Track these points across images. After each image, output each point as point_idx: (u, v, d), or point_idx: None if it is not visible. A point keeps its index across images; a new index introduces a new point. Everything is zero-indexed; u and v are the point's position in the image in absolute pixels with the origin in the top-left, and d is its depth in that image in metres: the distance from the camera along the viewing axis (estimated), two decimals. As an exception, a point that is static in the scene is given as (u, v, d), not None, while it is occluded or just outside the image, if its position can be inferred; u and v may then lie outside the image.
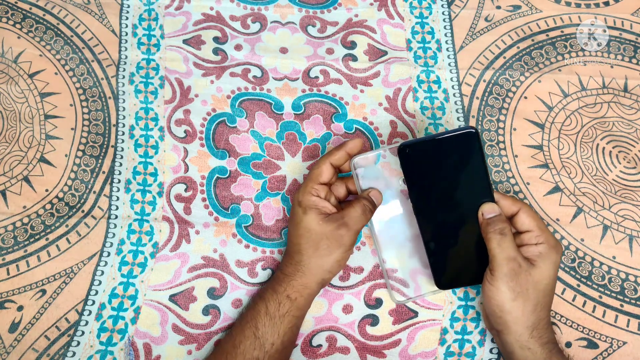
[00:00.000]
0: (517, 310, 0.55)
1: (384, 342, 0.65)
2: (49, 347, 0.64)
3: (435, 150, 0.57)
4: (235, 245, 0.69)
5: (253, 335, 0.58)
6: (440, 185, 0.58)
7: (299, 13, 0.80)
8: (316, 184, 0.61)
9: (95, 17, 0.79)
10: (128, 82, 0.76)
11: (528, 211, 0.58)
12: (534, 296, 0.55)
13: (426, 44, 0.78)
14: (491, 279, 0.55)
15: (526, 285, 0.54)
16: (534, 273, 0.55)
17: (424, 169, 0.58)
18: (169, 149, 0.73)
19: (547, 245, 0.56)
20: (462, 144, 0.57)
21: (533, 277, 0.55)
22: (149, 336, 0.65)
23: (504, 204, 0.58)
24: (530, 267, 0.55)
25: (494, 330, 0.59)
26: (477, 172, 0.57)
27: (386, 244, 0.65)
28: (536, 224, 0.57)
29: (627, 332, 0.64)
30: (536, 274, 0.55)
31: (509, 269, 0.54)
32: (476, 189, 0.58)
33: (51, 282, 0.67)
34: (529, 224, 0.57)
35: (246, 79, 0.76)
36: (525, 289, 0.54)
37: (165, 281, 0.67)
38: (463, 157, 0.57)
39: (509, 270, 0.54)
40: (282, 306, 0.59)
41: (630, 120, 0.73)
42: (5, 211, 0.70)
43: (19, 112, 0.74)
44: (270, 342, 0.57)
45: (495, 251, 0.55)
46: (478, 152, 0.56)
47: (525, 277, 0.55)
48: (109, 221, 0.70)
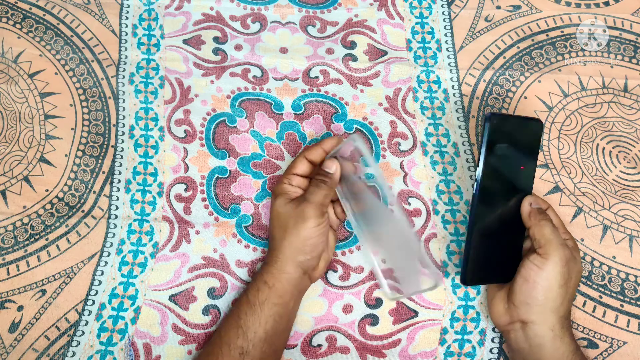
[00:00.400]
0: (560, 298, 0.56)
1: (384, 342, 0.65)
2: (49, 347, 0.64)
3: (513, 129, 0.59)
4: (236, 245, 0.69)
5: (236, 325, 0.58)
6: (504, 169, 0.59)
7: (299, 13, 0.80)
8: (290, 174, 0.63)
9: (95, 17, 0.79)
10: (128, 82, 0.76)
11: (553, 210, 0.61)
12: (573, 285, 0.57)
13: (426, 44, 0.78)
14: (542, 263, 0.56)
15: (571, 273, 0.56)
16: (578, 262, 0.57)
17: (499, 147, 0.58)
18: (169, 149, 0.73)
19: (574, 242, 0.59)
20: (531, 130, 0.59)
21: (577, 266, 0.57)
22: (149, 336, 0.65)
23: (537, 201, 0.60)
24: (576, 255, 0.58)
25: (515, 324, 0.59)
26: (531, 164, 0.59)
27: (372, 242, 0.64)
28: (561, 222, 0.61)
29: (627, 332, 0.64)
30: (577, 264, 0.57)
31: (563, 253, 0.55)
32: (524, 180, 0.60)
33: (51, 282, 0.67)
34: (557, 221, 0.60)
35: (246, 79, 0.76)
36: (571, 276, 0.56)
37: (165, 281, 0.67)
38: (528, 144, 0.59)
39: (563, 255, 0.55)
40: (261, 293, 0.59)
41: (630, 120, 0.73)
42: (5, 211, 0.70)
43: (19, 112, 0.74)
44: (253, 331, 0.58)
45: (550, 236, 0.56)
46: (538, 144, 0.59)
47: (573, 264, 0.56)
48: (109, 221, 0.70)
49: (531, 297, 0.56)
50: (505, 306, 0.60)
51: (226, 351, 0.57)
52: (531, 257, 0.57)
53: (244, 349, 0.57)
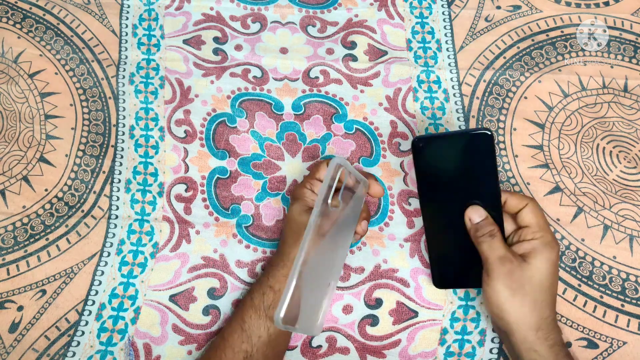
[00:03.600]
0: (517, 309, 0.54)
1: (384, 343, 0.65)
2: (49, 347, 0.64)
3: (448, 147, 0.57)
4: (236, 245, 0.69)
5: (240, 328, 0.58)
6: (448, 184, 0.58)
7: (299, 13, 0.80)
8: (312, 179, 0.62)
9: (95, 17, 0.79)
10: (128, 82, 0.76)
11: (533, 207, 0.58)
12: (530, 292, 0.54)
13: (426, 44, 0.78)
14: (488, 280, 0.55)
15: (521, 281, 0.54)
16: (527, 268, 0.55)
17: (435, 165, 0.58)
18: (169, 149, 0.73)
19: (541, 242, 0.56)
20: (475, 144, 0.56)
21: (526, 273, 0.55)
22: (149, 336, 0.65)
23: (512, 202, 0.58)
24: (523, 263, 0.55)
25: (502, 333, 0.59)
26: (487, 174, 0.57)
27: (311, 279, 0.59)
28: (536, 220, 0.57)
29: (628, 332, 0.64)
30: (529, 269, 0.55)
31: (502, 267, 0.55)
32: (484, 191, 0.58)
33: (51, 282, 0.67)
34: (529, 220, 0.57)
35: (246, 79, 0.76)
36: (521, 285, 0.54)
37: (165, 281, 0.67)
38: (475, 157, 0.57)
39: (502, 269, 0.54)
40: (266, 297, 0.59)
41: (631, 120, 0.73)
42: (5, 211, 0.70)
43: (19, 112, 0.74)
44: (257, 335, 0.57)
45: (487, 253, 0.56)
46: (491, 155, 0.56)
47: (519, 273, 0.54)
48: (109, 221, 0.70)
49: (492, 312, 0.56)
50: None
51: (230, 355, 0.57)
52: (482, 273, 0.57)
53: (248, 353, 0.57)
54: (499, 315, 0.56)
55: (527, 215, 0.57)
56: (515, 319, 0.55)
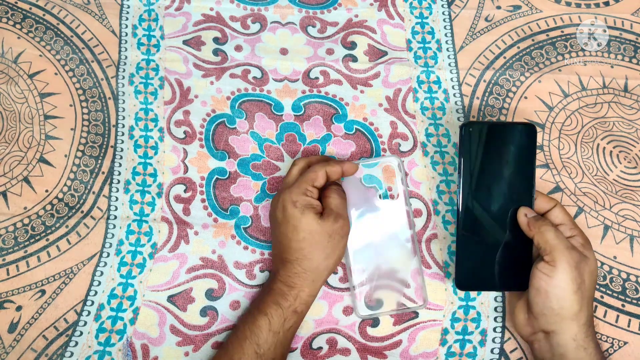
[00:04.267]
0: (576, 304, 0.54)
1: (385, 343, 0.65)
2: (47, 347, 0.64)
3: (494, 136, 0.58)
4: (234, 246, 0.69)
5: (255, 353, 0.56)
6: (489, 175, 0.58)
7: (299, 13, 0.80)
8: (310, 186, 0.60)
9: (95, 17, 0.80)
10: (128, 82, 0.76)
11: (562, 207, 0.59)
12: (589, 288, 0.54)
13: (426, 44, 0.78)
14: (551, 271, 0.54)
15: (584, 276, 0.54)
16: (589, 262, 0.55)
17: (479, 154, 0.58)
18: (169, 149, 0.73)
19: (584, 237, 0.57)
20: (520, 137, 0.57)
21: (589, 267, 0.55)
22: (147, 337, 0.65)
23: (541, 202, 0.59)
24: (585, 257, 0.55)
25: (538, 334, 0.57)
26: (525, 169, 0.58)
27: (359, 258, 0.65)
28: (569, 218, 0.58)
29: (628, 332, 0.64)
30: (588, 263, 0.55)
31: (571, 258, 0.53)
32: (520, 186, 0.58)
33: (51, 282, 0.67)
34: (563, 217, 0.58)
35: (246, 80, 0.76)
36: (584, 279, 0.54)
37: (163, 282, 0.67)
38: (517, 150, 0.58)
39: (571, 259, 0.53)
40: (287, 321, 0.57)
41: (631, 120, 0.72)
42: (6, 212, 0.70)
43: (18, 113, 0.74)
44: (272, 358, 0.56)
45: (554, 242, 0.54)
46: (532, 149, 0.57)
47: (584, 266, 0.54)
48: (108, 222, 0.70)
49: (546, 308, 0.55)
50: (525, 317, 0.58)
51: None
52: (539, 266, 0.55)
53: None
54: (555, 311, 0.54)
55: (559, 214, 0.58)
56: (572, 315, 0.54)
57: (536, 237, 0.56)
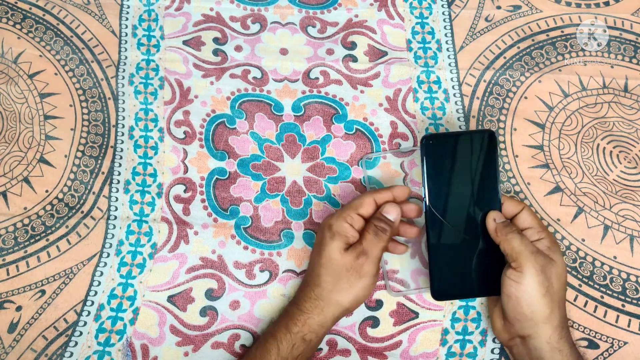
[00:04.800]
0: (547, 308, 0.54)
1: (385, 344, 0.65)
2: (47, 347, 0.64)
3: (455, 146, 0.58)
4: (234, 246, 0.69)
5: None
6: (454, 184, 0.58)
7: (299, 14, 0.80)
8: (353, 213, 0.59)
9: (95, 17, 0.80)
10: (128, 82, 0.76)
11: (530, 210, 0.59)
12: (558, 290, 0.55)
13: (426, 44, 0.78)
14: (519, 277, 0.54)
15: (552, 279, 0.54)
16: (554, 265, 0.55)
17: (443, 164, 0.58)
18: (169, 150, 0.73)
19: (551, 239, 0.57)
20: (481, 144, 0.58)
21: (556, 270, 0.55)
22: (146, 337, 0.65)
23: (508, 205, 0.59)
24: (552, 260, 0.55)
25: (515, 339, 0.57)
26: (489, 175, 0.58)
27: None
28: (536, 221, 0.58)
29: (628, 332, 0.64)
30: (556, 266, 0.55)
31: (537, 262, 0.54)
32: (486, 192, 0.58)
33: (51, 282, 0.67)
34: (530, 221, 0.58)
35: (246, 80, 0.76)
36: (552, 282, 0.54)
37: (163, 282, 0.67)
38: (479, 157, 0.58)
39: (537, 264, 0.54)
40: (296, 348, 0.57)
41: (631, 121, 0.72)
42: (6, 212, 0.70)
43: (18, 113, 0.74)
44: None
45: (519, 248, 0.54)
46: (495, 155, 0.57)
47: (550, 269, 0.54)
48: (108, 222, 0.70)
49: (519, 313, 0.55)
50: (502, 323, 0.59)
51: None
52: (507, 273, 0.55)
53: None
54: (527, 316, 0.54)
55: (527, 217, 0.58)
56: (544, 318, 0.54)
57: (502, 244, 0.56)
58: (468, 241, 0.58)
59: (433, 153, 0.58)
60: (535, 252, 0.54)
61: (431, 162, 0.58)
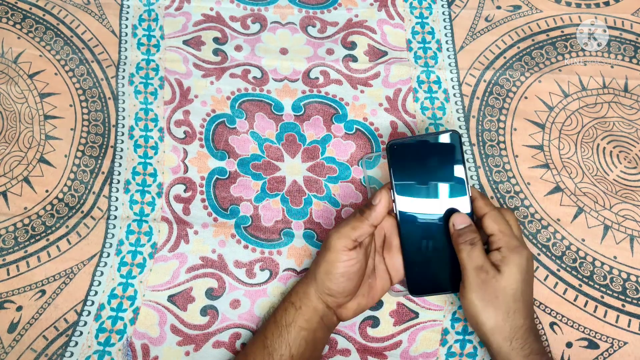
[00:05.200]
0: (490, 320, 0.54)
1: (385, 344, 0.65)
2: (47, 347, 0.64)
3: (421, 150, 0.59)
4: (234, 245, 0.69)
5: (262, 345, 0.57)
6: (422, 187, 0.59)
7: (299, 13, 0.80)
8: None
9: (95, 17, 0.80)
10: (128, 82, 0.76)
11: (493, 215, 0.57)
12: (503, 303, 0.54)
13: (426, 44, 0.78)
14: (463, 291, 0.55)
15: (495, 293, 0.54)
16: (500, 279, 0.54)
17: (410, 168, 0.59)
18: (169, 149, 0.73)
19: (507, 249, 0.55)
20: (445, 145, 0.58)
21: (500, 284, 0.54)
22: (147, 337, 0.65)
23: (477, 207, 0.58)
24: (497, 273, 0.54)
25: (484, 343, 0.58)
26: (457, 174, 0.58)
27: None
28: (498, 228, 0.56)
29: (628, 332, 0.64)
30: (502, 280, 0.54)
31: (477, 278, 0.54)
32: (455, 192, 0.58)
33: (51, 282, 0.67)
34: (492, 228, 0.56)
35: (246, 80, 0.76)
36: (495, 297, 0.54)
37: (163, 282, 0.67)
38: (446, 158, 0.58)
39: (477, 280, 0.54)
40: (287, 314, 0.58)
41: (631, 121, 0.72)
42: (6, 212, 0.70)
43: (18, 113, 0.74)
44: (280, 353, 0.56)
45: (464, 261, 0.55)
46: (459, 155, 0.58)
47: (493, 284, 0.54)
48: (108, 222, 0.70)
49: (471, 325, 0.57)
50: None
51: None
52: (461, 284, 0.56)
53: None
54: (474, 326, 0.56)
55: (489, 224, 0.57)
56: (490, 330, 0.54)
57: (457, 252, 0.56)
58: (439, 240, 0.59)
59: (399, 158, 0.59)
60: (478, 268, 0.54)
61: (398, 167, 0.59)
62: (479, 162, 0.72)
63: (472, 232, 0.56)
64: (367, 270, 0.59)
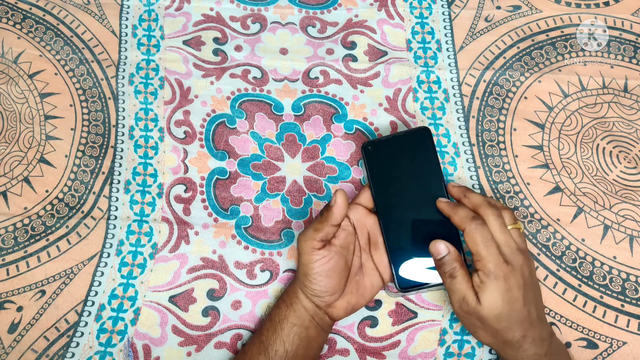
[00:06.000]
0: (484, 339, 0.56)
1: (384, 344, 0.65)
2: (48, 348, 0.64)
3: (394, 148, 0.61)
4: (235, 246, 0.69)
5: (258, 341, 0.58)
6: (399, 183, 0.60)
7: (299, 14, 0.80)
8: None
9: (95, 17, 0.80)
10: (128, 82, 0.76)
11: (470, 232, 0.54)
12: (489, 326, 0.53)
13: (426, 44, 0.78)
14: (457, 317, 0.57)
15: (480, 320, 0.53)
16: (481, 310, 0.52)
17: (385, 167, 0.60)
18: (169, 149, 0.73)
19: (483, 274, 0.53)
20: (417, 142, 0.60)
21: (480, 313, 0.53)
22: (148, 337, 0.65)
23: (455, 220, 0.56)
24: (478, 305, 0.53)
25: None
26: (432, 169, 0.60)
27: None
28: (474, 249, 0.53)
29: (627, 332, 0.64)
30: (482, 310, 0.52)
31: (460, 310, 0.54)
32: (432, 187, 0.60)
33: (51, 282, 0.67)
34: (471, 247, 0.54)
35: (246, 80, 0.76)
36: (480, 323, 0.54)
37: (164, 282, 0.67)
38: (418, 154, 0.60)
39: (461, 311, 0.54)
40: (280, 311, 0.59)
41: (631, 121, 0.73)
42: (7, 212, 0.70)
43: (19, 113, 0.74)
44: (274, 349, 0.57)
45: (448, 291, 0.55)
46: (431, 150, 0.60)
47: (475, 314, 0.53)
48: (109, 222, 0.70)
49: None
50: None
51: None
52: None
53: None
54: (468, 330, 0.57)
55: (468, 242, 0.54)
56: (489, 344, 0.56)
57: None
58: (421, 234, 0.59)
59: (374, 158, 0.60)
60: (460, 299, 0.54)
61: (374, 167, 0.60)
62: (479, 162, 0.72)
63: (452, 262, 0.55)
64: (353, 268, 0.60)
